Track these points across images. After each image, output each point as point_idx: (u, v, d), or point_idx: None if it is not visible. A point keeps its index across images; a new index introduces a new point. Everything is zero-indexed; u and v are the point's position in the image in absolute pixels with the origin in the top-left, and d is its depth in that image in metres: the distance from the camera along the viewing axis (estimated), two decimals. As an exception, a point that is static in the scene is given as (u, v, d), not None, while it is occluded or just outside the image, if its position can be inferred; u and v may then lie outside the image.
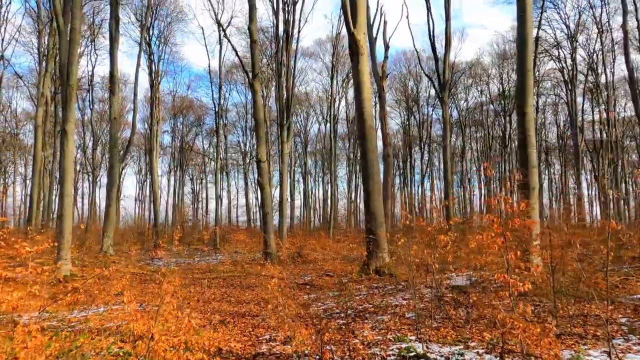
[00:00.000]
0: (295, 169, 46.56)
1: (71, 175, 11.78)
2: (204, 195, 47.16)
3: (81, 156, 39.81)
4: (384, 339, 5.37)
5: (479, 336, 5.41)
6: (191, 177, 48.87)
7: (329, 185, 45.23)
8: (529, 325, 3.15)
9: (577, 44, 31.84)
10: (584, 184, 35.89)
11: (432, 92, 42.46)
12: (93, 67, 34.90)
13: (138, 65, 22.93)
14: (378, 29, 22.24)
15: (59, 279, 10.87)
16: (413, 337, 5.33)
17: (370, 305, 7.33)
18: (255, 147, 22.05)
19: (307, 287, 10.55)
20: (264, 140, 18.57)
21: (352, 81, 41.20)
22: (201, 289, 10.73)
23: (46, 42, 25.69)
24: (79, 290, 8.83)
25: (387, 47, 21.27)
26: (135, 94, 23.12)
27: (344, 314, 6.93)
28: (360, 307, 7.35)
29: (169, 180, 45.77)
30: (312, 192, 48.01)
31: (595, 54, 31.52)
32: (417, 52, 27.05)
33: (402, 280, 10.35)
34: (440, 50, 24.45)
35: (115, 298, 8.78)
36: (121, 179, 47.12)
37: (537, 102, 37.65)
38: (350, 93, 44.07)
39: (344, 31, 31.99)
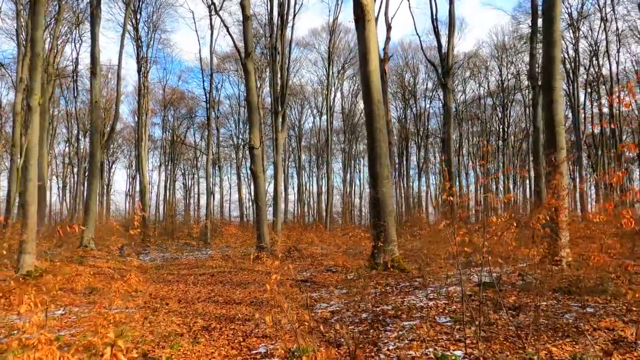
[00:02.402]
0: (289, 163, 45.38)
1: (36, 157, 10.29)
2: (196, 190, 45.94)
3: (69, 149, 38.27)
4: (421, 355, 4.01)
5: (542, 348, 4.09)
6: (183, 171, 47.51)
7: (324, 179, 43.98)
8: None
9: (580, 33, 30.88)
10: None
11: (430, 84, 41.60)
12: (77, 54, 33.25)
13: (122, 46, 21.34)
14: (380, 8, 20.84)
15: (22, 275, 9.46)
16: (459, 353, 3.97)
17: (389, 307, 5.96)
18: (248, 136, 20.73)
19: (308, 284, 9.18)
20: (257, 126, 17.13)
21: (348, 72, 40.15)
22: (185, 287, 9.31)
23: (25, 24, 24.03)
24: (29, 289, 7.42)
25: (389, 28, 19.92)
26: (118, 77, 21.53)
27: (358, 319, 5.57)
28: (376, 309, 5.98)
29: (160, 175, 44.39)
30: (306, 188, 46.99)
31: (597, 45, 30.56)
32: (419, 36, 25.88)
33: (416, 276, 9.03)
34: (441, 37, 23.13)
35: (80, 299, 7.38)
36: (111, 174, 45.73)
37: (522, 98, 36.82)
38: (346, 86, 42.80)
39: (342, 17, 30.85)
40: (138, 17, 28.96)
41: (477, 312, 4.73)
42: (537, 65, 20.01)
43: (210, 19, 26.31)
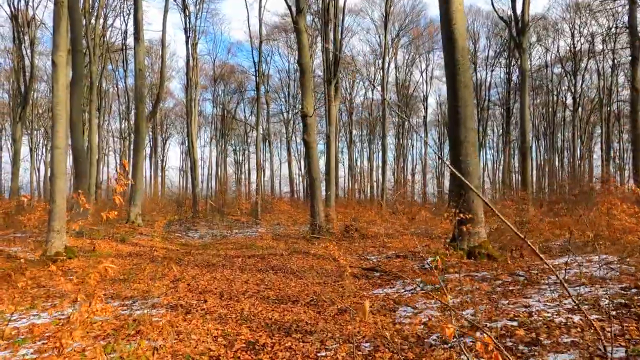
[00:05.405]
0: (339, 137, 43.70)
1: (63, 122, 9.13)
2: (247, 166, 45.42)
3: (123, 125, 38.37)
4: None
5: None
6: (234, 147, 47.03)
7: (375, 154, 41.79)
8: None
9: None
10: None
11: (491, 52, 38.12)
12: (126, 26, 32.42)
13: (166, 11, 20.10)
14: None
15: (49, 257, 8.39)
16: None
17: (513, 323, 4.12)
18: (300, 105, 19.22)
19: (377, 274, 7.49)
20: (311, 91, 15.42)
21: (402, 40, 37.31)
22: (230, 274, 7.87)
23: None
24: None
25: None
26: (163, 44, 20.44)
27: (472, 342, 3.81)
28: (495, 324, 4.18)
29: (211, 151, 44.17)
30: (357, 164, 45.28)
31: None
32: (489, -10, 22.92)
33: (514, 268, 7.10)
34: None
35: (111, 286, 6.08)
36: (165, 150, 45.88)
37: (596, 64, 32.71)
38: (400, 56, 40.07)
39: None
40: (184, -16, 27.65)
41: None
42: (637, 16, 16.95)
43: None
